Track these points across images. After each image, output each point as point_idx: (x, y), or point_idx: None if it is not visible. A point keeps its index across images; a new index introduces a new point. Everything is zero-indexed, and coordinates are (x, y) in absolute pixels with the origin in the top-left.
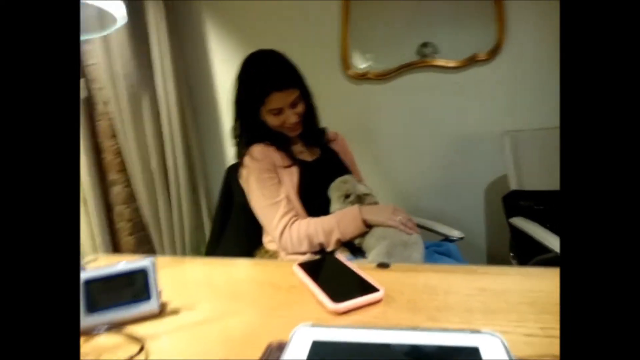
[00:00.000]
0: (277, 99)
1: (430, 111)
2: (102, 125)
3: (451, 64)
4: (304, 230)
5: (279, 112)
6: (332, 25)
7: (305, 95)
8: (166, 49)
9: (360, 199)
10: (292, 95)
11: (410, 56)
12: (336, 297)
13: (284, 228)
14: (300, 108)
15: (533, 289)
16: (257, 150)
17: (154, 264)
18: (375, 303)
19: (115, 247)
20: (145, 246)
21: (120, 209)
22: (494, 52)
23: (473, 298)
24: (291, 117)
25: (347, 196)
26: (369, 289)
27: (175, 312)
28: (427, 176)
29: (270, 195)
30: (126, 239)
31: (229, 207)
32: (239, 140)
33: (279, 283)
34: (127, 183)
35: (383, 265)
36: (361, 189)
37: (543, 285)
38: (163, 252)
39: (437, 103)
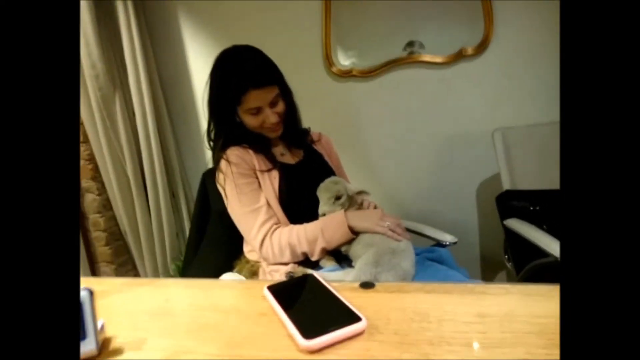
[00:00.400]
0: (255, 98)
1: (417, 109)
2: None
3: (438, 59)
4: (286, 239)
5: (257, 111)
6: (314, 21)
7: (285, 94)
8: (138, 47)
9: (353, 200)
10: (271, 93)
11: (395, 52)
12: (309, 330)
13: (264, 237)
14: (280, 107)
15: (540, 313)
16: (234, 153)
17: (91, 296)
18: (357, 336)
19: (90, 258)
20: (122, 256)
21: (95, 218)
22: (481, 47)
23: (472, 327)
24: (271, 117)
25: (337, 198)
26: (350, 318)
27: (117, 352)
28: (417, 177)
29: (249, 201)
30: (102, 249)
31: (206, 214)
32: (214, 144)
33: (246, 310)
34: (102, 190)
35: (367, 285)
36: (353, 188)
37: (551, 308)
38: (142, 262)
39: (425, 100)
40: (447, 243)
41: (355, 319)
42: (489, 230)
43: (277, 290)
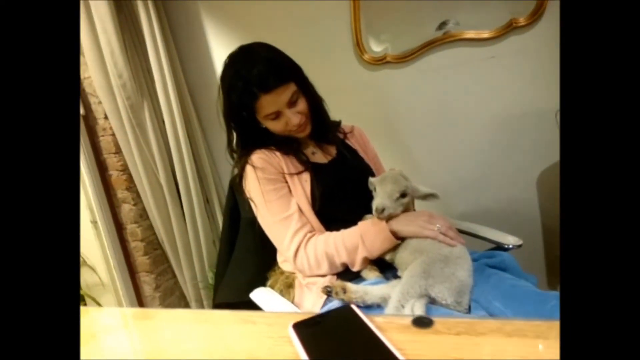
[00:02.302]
0: (269, 102)
1: (463, 93)
2: (104, 141)
3: (484, 34)
4: (322, 249)
5: (277, 115)
6: (342, 7)
7: (305, 89)
8: (163, 53)
9: (410, 204)
10: (286, 93)
11: (433, 32)
12: None
13: (298, 247)
14: (301, 105)
15: None
16: (259, 157)
17: None
18: None
19: (130, 268)
20: (161, 265)
21: (132, 228)
22: (535, 15)
23: None
24: (293, 119)
25: (403, 195)
26: None
27: None
28: (466, 171)
29: (279, 209)
30: (141, 259)
31: (236, 224)
32: (238, 151)
33: (262, 356)
34: (137, 200)
35: (422, 323)
36: (422, 189)
37: None
38: (181, 270)
39: (471, 82)
40: (510, 246)
41: None
42: (554, 226)
43: (305, 330)
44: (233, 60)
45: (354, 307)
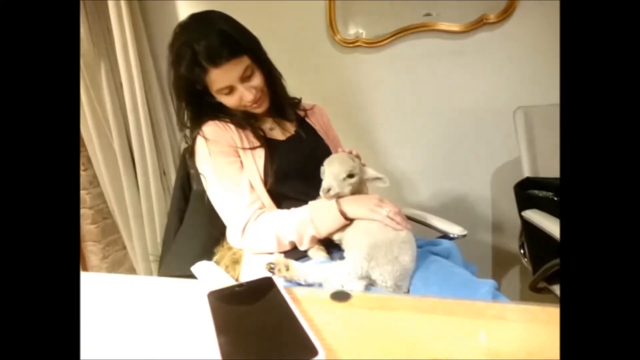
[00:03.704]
0: (219, 77)
1: (430, 83)
2: None
3: (455, 27)
4: (271, 226)
5: (230, 90)
6: None
7: (261, 63)
8: (126, 12)
9: (362, 187)
10: (239, 67)
11: (407, 19)
12: None
13: (247, 223)
14: (256, 80)
15: None
16: (212, 129)
17: None
18: None
19: None
20: (111, 235)
21: (81, 195)
22: (505, 13)
23: None
24: (246, 95)
25: (351, 176)
26: (302, 348)
27: None
28: (423, 160)
29: (230, 184)
30: (88, 227)
31: (187, 195)
32: (190, 123)
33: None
34: (87, 165)
35: (340, 297)
36: (371, 172)
37: None
38: (131, 242)
39: (439, 74)
40: (456, 235)
41: (310, 350)
42: (503, 220)
43: (220, 299)
44: (183, 29)
45: (274, 278)
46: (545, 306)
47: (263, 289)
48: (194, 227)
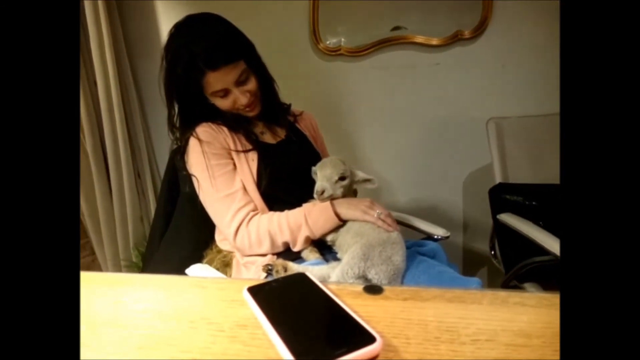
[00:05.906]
0: (215, 80)
1: (408, 93)
2: None
3: (432, 41)
4: (265, 227)
5: (225, 93)
6: None
7: (256, 68)
8: (102, 9)
9: (351, 189)
10: (235, 71)
11: (387, 31)
12: (307, 352)
13: (240, 224)
14: (251, 85)
15: None
16: (205, 130)
17: None
18: None
19: None
20: (80, 240)
21: None
22: (479, 30)
23: (519, 351)
24: (241, 98)
25: (342, 178)
26: (360, 337)
27: None
28: (402, 167)
29: (223, 185)
30: None
31: (174, 197)
32: (181, 125)
33: (219, 319)
34: None
35: (374, 290)
36: (360, 174)
37: None
38: (102, 247)
39: (416, 84)
40: (439, 237)
41: (368, 338)
42: (473, 223)
43: (261, 294)
44: (180, 31)
45: (308, 274)
46: (555, 294)
47: (300, 283)
48: (181, 230)
